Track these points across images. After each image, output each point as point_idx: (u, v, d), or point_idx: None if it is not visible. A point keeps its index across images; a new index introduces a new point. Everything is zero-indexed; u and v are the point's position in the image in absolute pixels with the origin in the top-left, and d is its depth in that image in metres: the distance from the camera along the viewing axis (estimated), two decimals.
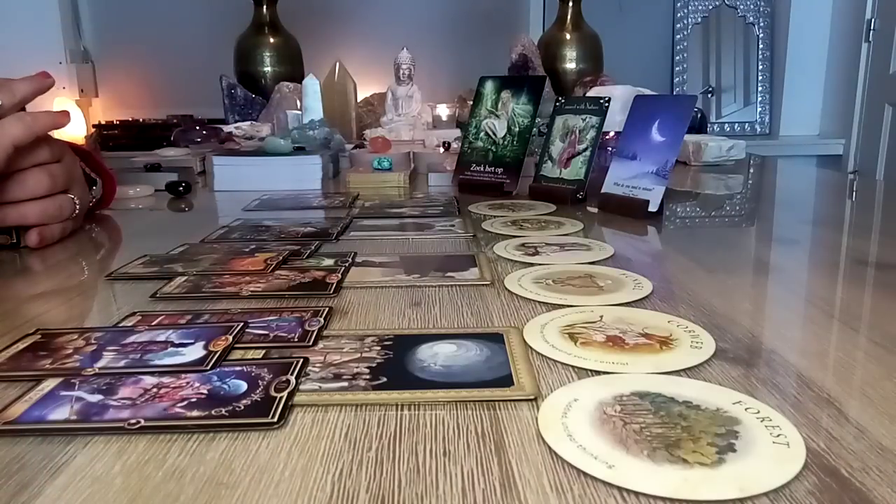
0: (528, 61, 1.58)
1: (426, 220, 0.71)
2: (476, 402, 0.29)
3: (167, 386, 0.31)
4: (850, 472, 0.24)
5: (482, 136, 0.93)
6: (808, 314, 0.42)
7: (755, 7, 2.36)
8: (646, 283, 0.46)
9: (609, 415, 0.27)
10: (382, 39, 2.02)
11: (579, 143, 0.81)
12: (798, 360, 0.34)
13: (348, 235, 0.64)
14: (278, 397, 0.29)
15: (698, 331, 0.37)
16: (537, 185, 0.85)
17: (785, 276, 0.52)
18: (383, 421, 0.28)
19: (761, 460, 0.24)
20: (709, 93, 2.37)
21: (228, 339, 0.36)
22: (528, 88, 0.91)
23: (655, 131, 0.73)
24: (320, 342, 0.36)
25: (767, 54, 2.36)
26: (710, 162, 1.16)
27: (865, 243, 0.62)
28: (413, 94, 1.45)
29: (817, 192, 1.04)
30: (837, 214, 0.84)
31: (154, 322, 0.40)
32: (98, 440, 0.27)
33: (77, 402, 0.29)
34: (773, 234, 0.71)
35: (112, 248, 0.66)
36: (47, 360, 0.34)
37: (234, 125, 1.49)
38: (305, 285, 0.47)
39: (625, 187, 0.73)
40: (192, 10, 2.22)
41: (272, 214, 0.76)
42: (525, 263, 0.53)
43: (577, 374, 0.32)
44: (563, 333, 0.37)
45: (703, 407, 0.28)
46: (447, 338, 0.36)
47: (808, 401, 0.29)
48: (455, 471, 0.24)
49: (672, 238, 0.67)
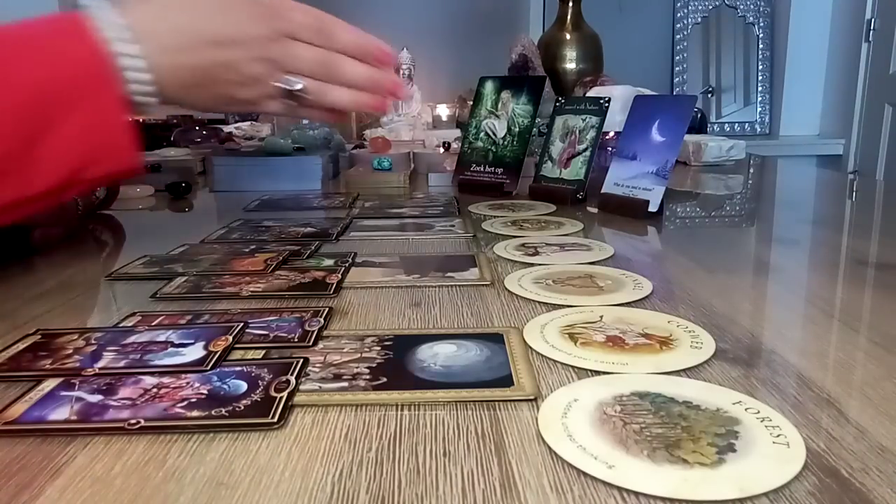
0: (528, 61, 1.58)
1: (426, 220, 0.71)
2: (476, 402, 0.29)
3: (167, 386, 0.31)
4: (850, 473, 0.24)
5: (482, 136, 0.93)
6: (808, 314, 0.42)
7: (755, 7, 2.36)
8: (646, 284, 0.46)
9: (609, 415, 0.27)
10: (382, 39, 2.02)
11: (579, 143, 0.81)
12: (798, 360, 0.34)
13: (348, 235, 0.64)
14: (278, 397, 0.29)
15: (698, 331, 0.37)
16: (537, 186, 0.85)
17: (785, 276, 0.52)
18: (383, 421, 0.28)
19: (761, 460, 0.24)
20: (709, 93, 2.37)
21: (228, 340, 0.36)
22: (528, 88, 0.91)
23: (655, 131, 0.73)
24: (320, 342, 0.36)
25: (767, 54, 2.36)
26: (710, 162, 1.16)
27: (865, 243, 0.62)
28: (413, 94, 1.45)
29: (817, 192, 1.04)
30: (837, 214, 0.84)
31: (154, 322, 0.40)
32: (98, 440, 0.27)
33: (77, 402, 0.29)
34: (773, 234, 0.71)
35: (112, 249, 0.66)
36: (47, 361, 0.34)
37: (234, 125, 1.49)
38: (305, 285, 0.47)
39: (625, 187, 0.73)
40: None
41: (272, 215, 0.76)
42: (525, 263, 0.52)
43: (577, 375, 0.32)
44: (563, 333, 0.37)
45: (703, 407, 0.28)
46: (447, 338, 0.36)
47: (808, 401, 0.29)
48: (455, 471, 0.24)
49: (672, 238, 0.67)
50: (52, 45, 0.41)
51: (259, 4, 0.47)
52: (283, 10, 0.48)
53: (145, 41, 0.43)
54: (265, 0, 0.48)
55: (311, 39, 0.49)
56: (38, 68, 0.40)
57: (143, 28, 0.43)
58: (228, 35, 0.46)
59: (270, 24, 0.47)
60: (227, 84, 0.48)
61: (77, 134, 0.41)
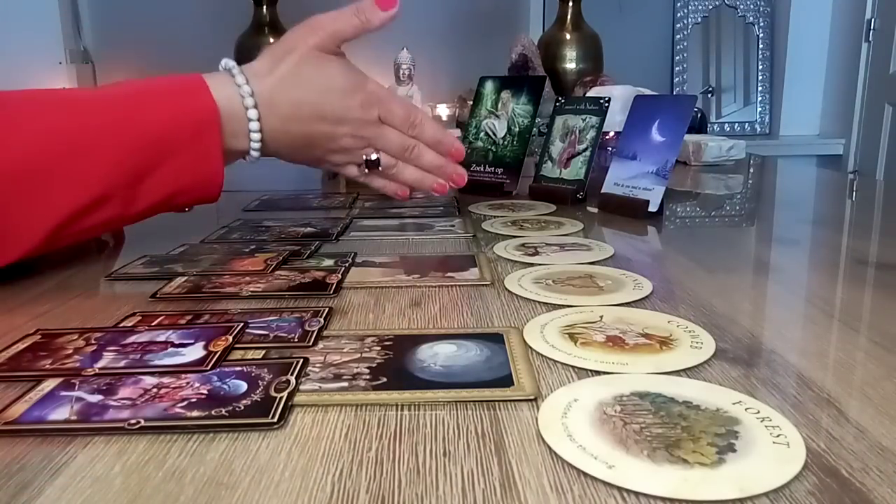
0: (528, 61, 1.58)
1: (426, 220, 0.71)
2: (476, 402, 0.29)
3: (167, 386, 0.31)
4: (851, 473, 0.24)
5: (482, 136, 0.93)
6: (808, 314, 0.42)
7: (755, 7, 2.36)
8: (646, 284, 0.46)
9: (609, 415, 0.27)
10: (382, 39, 2.02)
11: (579, 143, 0.81)
12: (798, 360, 0.34)
13: (348, 235, 0.64)
14: (278, 397, 0.29)
15: (698, 331, 0.37)
16: (537, 185, 0.85)
17: (785, 276, 0.52)
18: (383, 421, 0.28)
19: (761, 460, 0.24)
20: (709, 93, 2.37)
21: (228, 340, 0.36)
22: (528, 88, 0.91)
23: (655, 131, 0.73)
24: (320, 342, 0.36)
25: (767, 54, 2.36)
26: (710, 162, 1.16)
27: (865, 243, 0.62)
28: (413, 94, 1.45)
29: (817, 192, 1.04)
30: (837, 214, 0.84)
31: (154, 322, 0.40)
32: (98, 440, 0.27)
33: (77, 402, 0.29)
34: (773, 234, 0.71)
35: (112, 249, 0.66)
36: (47, 361, 0.34)
37: None
38: (305, 285, 0.47)
39: (625, 187, 0.73)
40: (193, 10, 2.22)
41: (272, 215, 0.76)
42: (525, 263, 0.52)
43: (577, 375, 0.32)
44: (563, 333, 0.37)
45: (703, 407, 0.28)
46: (447, 338, 0.36)
47: (808, 401, 0.29)
48: (455, 471, 0.24)
49: (672, 238, 0.67)
50: (174, 100, 0.50)
51: (366, 91, 0.55)
52: (384, 100, 0.56)
53: (264, 107, 0.52)
54: (371, 88, 0.56)
55: (401, 128, 0.58)
56: (160, 118, 0.49)
57: (266, 97, 0.52)
58: (337, 114, 0.54)
59: (372, 112, 0.56)
60: (324, 150, 0.57)
61: (178, 171, 0.49)
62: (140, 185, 0.49)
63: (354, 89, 0.55)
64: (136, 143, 0.48)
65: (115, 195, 0.48)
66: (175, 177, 0.50)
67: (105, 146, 0.47)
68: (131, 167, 0.48)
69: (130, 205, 0.49)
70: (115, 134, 0.47)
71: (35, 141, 0.46)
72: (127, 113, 0.48)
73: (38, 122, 0.47)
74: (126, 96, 0.50)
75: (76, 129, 0.47)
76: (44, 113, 0.48)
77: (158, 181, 0.49)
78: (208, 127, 0.50)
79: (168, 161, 0.49)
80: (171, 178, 0.50)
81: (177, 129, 0.49)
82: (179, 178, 0.50)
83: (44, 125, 0.46)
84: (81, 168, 0.46)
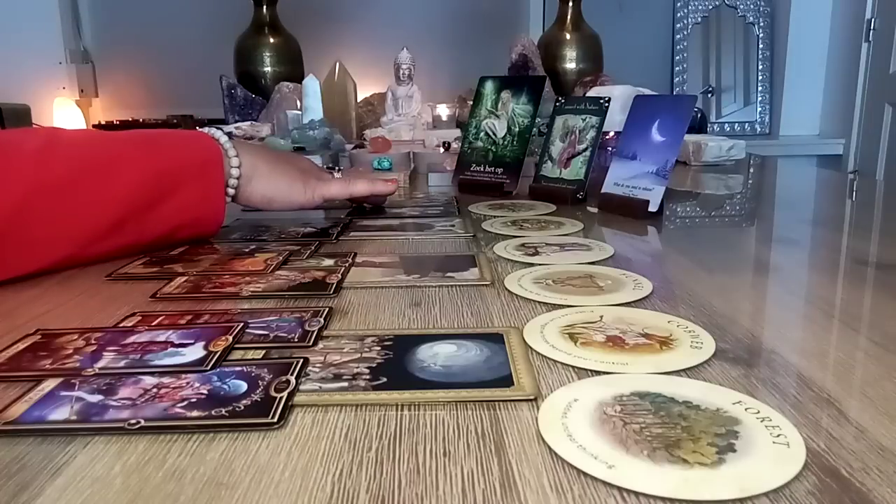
0: (528, 61, 1.58)
1: (426, 220, 0.71)
2: (476, 402, 0.29)
3: (167, 386, 0.31)
4: (851, 473, 0.24)
5: (482, 136, 0.93)
6: (808, 314, 0.42)
7: (755, 7, 2.36)
8: (646, 284, 0.46)
9: (609, 415, 0.27)
10: (382, 39, 2.02)
11: (579, 143, 0.81)
12: (798, 360, 0.34)
13: (348, 235, 0.64)
14: (278, 397, 0.29)
15: (698, 331, 0.37)
16: (537, 185, 0.85)
17: (785, 276, 0.52)
18: (383, 421, 0.28)
19: (761, 460, 0.24)
20: (709, 93, 2.37)
21: (228, 340, 0.36)
22: (528, 88, 0.91)
23: (655, 131, 0.73)
24: (320, 342, 0.36)
25: (767, 54, 2.36)
26: (710, 162, 1.16)
27: (865, 243, 0.62)
28: (413, 94, 1.45)
29: (817, 192, 1.04)
30: (837, 214, 0.84)
31: (154, 322, 0.40)
32: (98, 440, 0.27)
33: (77, 402, 0.29)
34: (773, 234, 0.71)
35: None
36: (47, 361, 0.34)
37: (234, 125, 1.48)
38: (305, 285, 0.47)
39: (625, 187, 0.73)
40: (192, 10, 2.22)
41: (272, 214, 0.76)
42: (525, 263, 0.52)
43: (577, 375, 0.32)
44: (563, 333, 0.37)
45: (703, 407, 0.28)
46: (447, 338, 0.36)
47: (808, 401, 0.29)
48: (455, 471, 0.24)
49: (672, 238, 0.67)
50: (186, 142, 0.59)
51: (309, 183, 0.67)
52: (324, 188, 0.69)
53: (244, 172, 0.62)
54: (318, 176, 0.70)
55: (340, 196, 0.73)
56: (176, 153, 0.57)
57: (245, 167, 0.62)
58: (290, 199, 0.66)
59: (317, 194, 0.68)
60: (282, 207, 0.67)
61: (186, 202, 0.57)
62: (151, 212, 0.54)
63: (305, 177, 0.68)
64: (152, 171, 0.55)
65: (131, 220, 0.53)
66: (180, 207, 0.56)
67: (127, 171, 0.53)
68: (147, 192, 0.54)
69: (143, 232, 0.55)
70: (137, 160, 0.54)
71: (70, 157, 0.52)
72: (148, 148, 0.56)
73: (74, 148, 0.53)
74: (143, 135, 0.59)
75: (103, 154, 0.54)
76: (78, 140, 0.54)
77: (167, 211, 0.55)
78: (213, 166, 0.59)
79: (177, 192, 0.56)
80: (178, 208, 0.56)
81: (187, 165, 0.57)
82: (184, 210, 0.57)
83: (78, 152, 0.53)
84: (106, 187, 0.52)
